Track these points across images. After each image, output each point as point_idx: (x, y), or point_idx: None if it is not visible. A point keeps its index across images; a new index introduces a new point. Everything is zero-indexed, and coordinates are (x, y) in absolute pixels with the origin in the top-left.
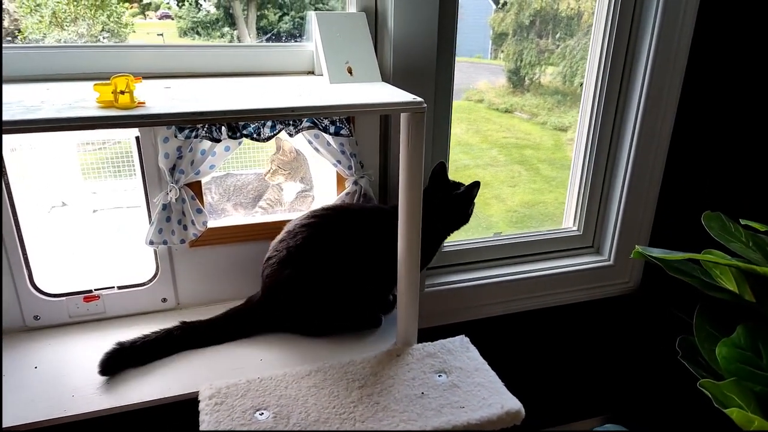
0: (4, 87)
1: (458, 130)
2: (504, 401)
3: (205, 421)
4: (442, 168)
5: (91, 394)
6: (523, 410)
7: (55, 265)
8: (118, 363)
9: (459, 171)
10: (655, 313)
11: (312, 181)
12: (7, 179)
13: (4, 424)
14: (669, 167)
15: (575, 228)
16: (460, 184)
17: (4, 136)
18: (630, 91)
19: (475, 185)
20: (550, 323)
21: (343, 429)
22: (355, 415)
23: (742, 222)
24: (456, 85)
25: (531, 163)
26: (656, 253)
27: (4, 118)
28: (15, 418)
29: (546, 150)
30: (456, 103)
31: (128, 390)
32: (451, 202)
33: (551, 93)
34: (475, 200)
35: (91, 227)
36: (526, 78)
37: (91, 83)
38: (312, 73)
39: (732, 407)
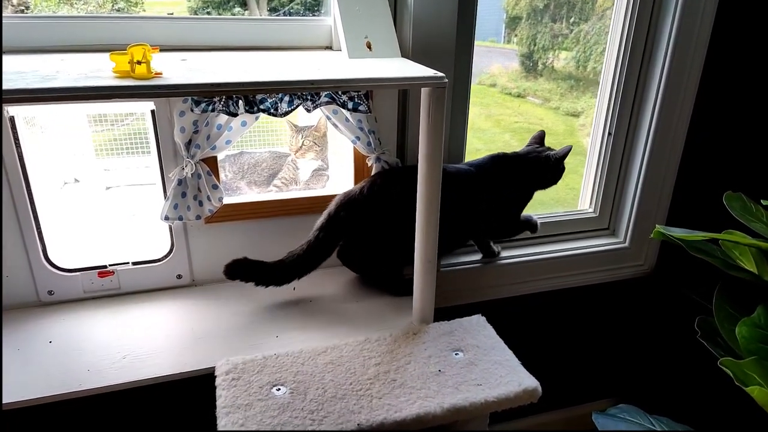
0: (19, 57)
1: (471, 115)
2: (521, 379)
3: (222, 396)
4: (541, 134)
5: (107, 369)
6: (540, 388)
7: (70, 240)
8: (239, 271)
9: (470, 155)
10: (670, 296)
11: (328, 160)
12: (21, 152)
13: (21, 398)
14: (687, 150)
15: (591, 210)
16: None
17: (20, 107)
18: (650, 74)
19: (569, 148)
20: (565, 304)
21: (360, 405)
22: (372, 392)
23: (764, 202)
24: None
25: None
26: (677, 233)
27: (20, 85)
28: (31, 391)
29: (558, 135)
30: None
31: (144, 365)
32: (548, 162)
33: (564, 78)
34: None
35: (105, 204)
36: (539, 62)
37: (106, 54)
38: (330, 48)
39: (752, 386)
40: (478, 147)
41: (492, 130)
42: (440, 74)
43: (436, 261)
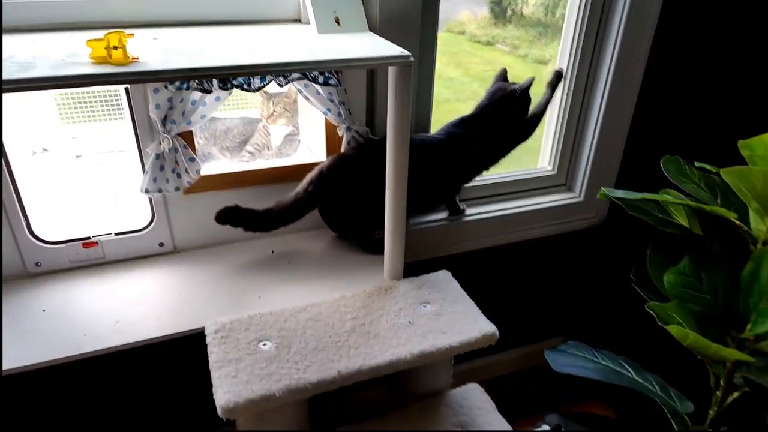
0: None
1: (439, 64)
2: (481, 326)
3: (214, 352)
4: (504, 72)
5: (102, 333)
6: (497, 333)
7: (49, 212)
8: (230, 217)
9: (439, 105)
10: (616, 245)
11: (299, 125)
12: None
13: (23, 363)
14: (638, 113)
15: (550, 168)
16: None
17: None
18: (606, 36)
19: (532, 79)
20: (524, 255)
21: (339, 355)
22: (350, 343)
23: (697, 164)
24: None
25: None
26: (618, 194)
27: (7, 77)
28: (30, 357)
29: None
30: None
31: (137, 328)
32: (513, 96)
33: (533, 25)
34: None
35: (80, 173)
36: (508, 9)
37: (76, 34)
38: (299, 21)
39: (672, 324)
40: (446, 96)
41: (461, 79)
42: (406, 53)
43: (404, 224)
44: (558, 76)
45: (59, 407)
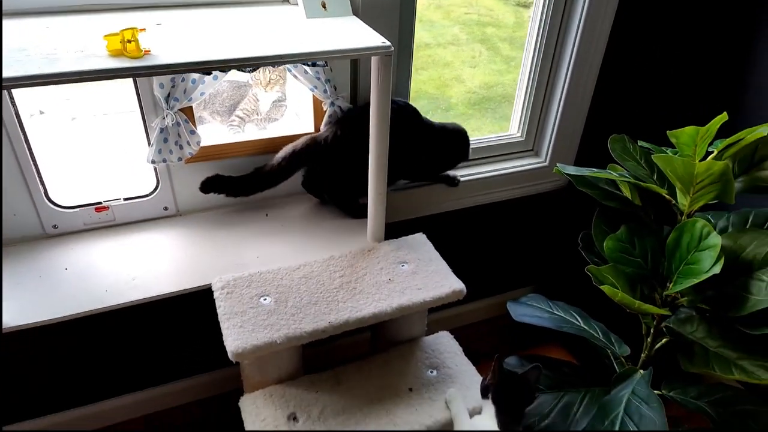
0: (6, 21)
1: (420, 7)
2: (451, 283)
3: (221, 306)
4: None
5: (121, 289)
6: (465, 289)
7: (56, 175)
8: (213, 186)
9: (419, 50)
10: (578, 206)
11: (286, 92)
12: (13, 98)
13: (52, 316)
14: (599, 87)
15: (519, 135)
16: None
17: None
18: (572, 12)
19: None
20: (494, 215)
21: (330, 308)
22: (338, 298)
23: (640, 143)
24: None
25: (492, 42)
26: (570, 170)
27: (32, 71)
28: (60, 311)
29: (507, 28)
30: None
31: (152, 284)
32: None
33: None
34: (436, 82)
35: (77, 136)
36: None
37: (85, 17)
38: (288, 1)
39: (605, 285)
40: (426, 41)
41: (441, 23)
42: (387, 43)
43: (385, 193)
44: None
45: (86, 356)
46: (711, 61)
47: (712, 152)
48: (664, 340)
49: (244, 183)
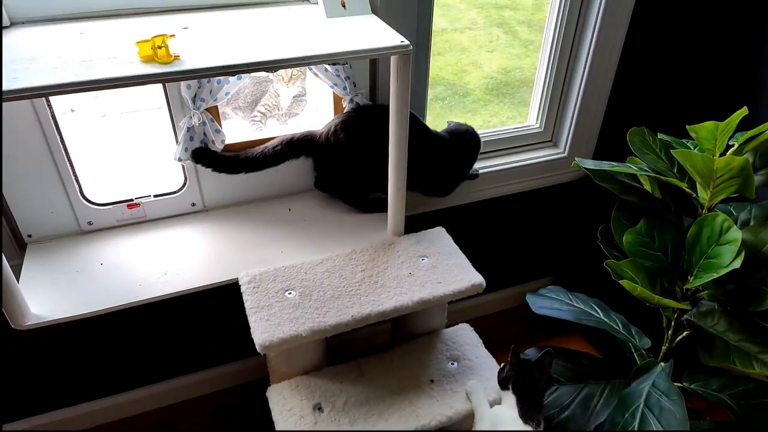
0: (42, 28)
1: None
2: (471, 277)
3: (248, 300)
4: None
5: (154, 283)
6: (484, 283)
7: (90, 172)
8: (202, 158)
9: (436, 35)
10: (597, 197)
11: (306, 87)
12: (50, 102)
13: (89, 309)
14: (619, 76)
15: (537, 125)
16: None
17: None
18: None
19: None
20: (514, 207)
21: (352, 302)
22: (360, 292)
23: (659, 136)
24: None
25: (510, 26)
26: (588, 164)
27: (70, 79)
28: (97, 304)
29: (525, 11)
30: None
31: (182, 279)
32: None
33: None
34: (453, 67)
35: (110, 134)
36: None
37: (114, 22)
38: (308, 0)
39: (624, 279)
40: (443, 26)
41: (458, 6)
42: (406, 42)
43: (405, 189)
44: None
45: (118, 347)
46: (731, 52)
47: (733, 146)
48: (685, 333)
49: (231, 161)
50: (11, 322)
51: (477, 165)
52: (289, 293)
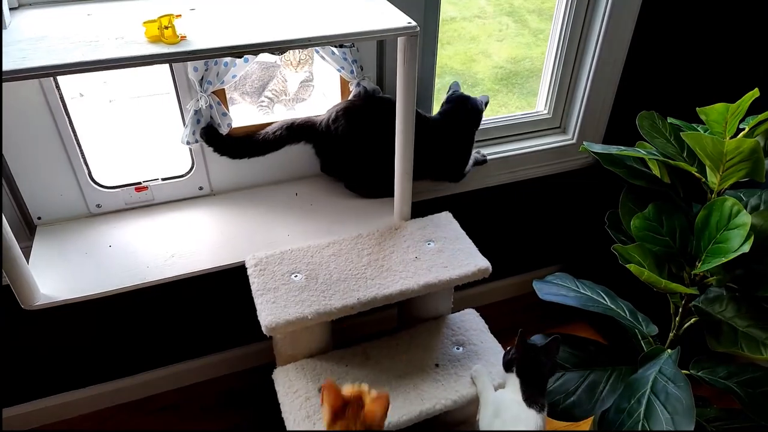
0: (50, 9)
1: None
2: (477, 261)
3: (255, 282)
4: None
5: (161, 265)
6: (490, 267)
7: (97, 155)
8: (210, 138)
9: (444, 24)
10: (606, 183)
11: (313, 72)
12: (56, 80)
13: (97, 290)
14: (628, 62)
15: (546, 111)
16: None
17: None
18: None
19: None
20: (522, 193)
21: (358, 285)
22: (366, 275)
23: (669, 120)
24: None
25: (520, 14)
26: (596, 148)
27: (77, 59)
28: (106, 285)
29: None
30: None
31: (190, 261)
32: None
33: None
34: (462, 57)
35: (117, 119)
36: None
37: (123, 3)
38: None
39: (631, 264)
40: (452, 14)
41: None
42: (413, 24)
43: (411, 173)
44: None
45: (125, 329)
46: (743, 35)
47: (744, 129)
48: (692, 319)
49: (233, 145)
50: (21, 302)
51: (485, 150)
52: (296, 276)
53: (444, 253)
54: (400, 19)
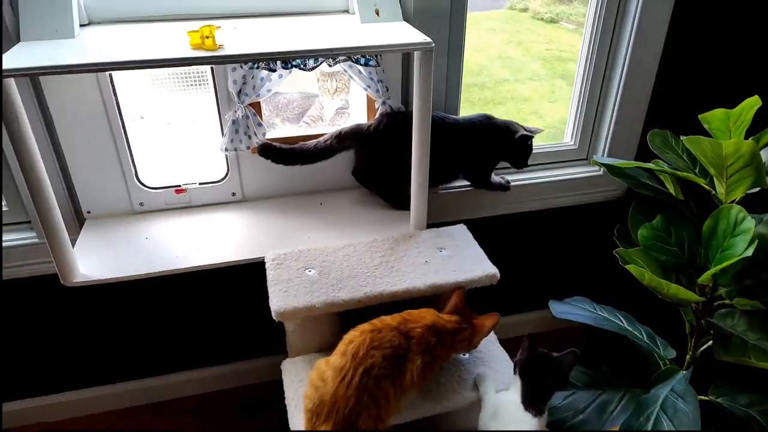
0: (113, 26)
1: (498, 41)
2: (485, 267)
3: (271, 274)
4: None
5: (189, 255)
6: (498, 274)
7: (149, 164)
8: (266, 152)
9: (498, 85)
10: None
11: (349, 100)
12: (117, 97)
13: (129, 273)
14: (654, 96)
15: (572, 143)
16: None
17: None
18: (623, 24)
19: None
20: (544, 222)
21: (367, 282)
22: (376, 274)
23: (682, 138)
24: None
25: (573, 77)
26: (606, 160)
27: (132, 57)
28: (137, 270)
29: None
30: (497, 13)
31: (215, 254)
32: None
33: None
34: (513, 116)
35: (171, 136)
36: None
37: (175, 23)
38: (347, 11)
39: (630, 264)
40: (505, 76)
41: (520, 59)
42: (428, 40)
43: (427, 183)
44: None
45: (155, 323)
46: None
47: None
48: (709, 342)
49: (290, 154)
50: (62, 279)
51: (509, 177)
52: (309, 271)
53: (454, 259)
54: (418, 37)
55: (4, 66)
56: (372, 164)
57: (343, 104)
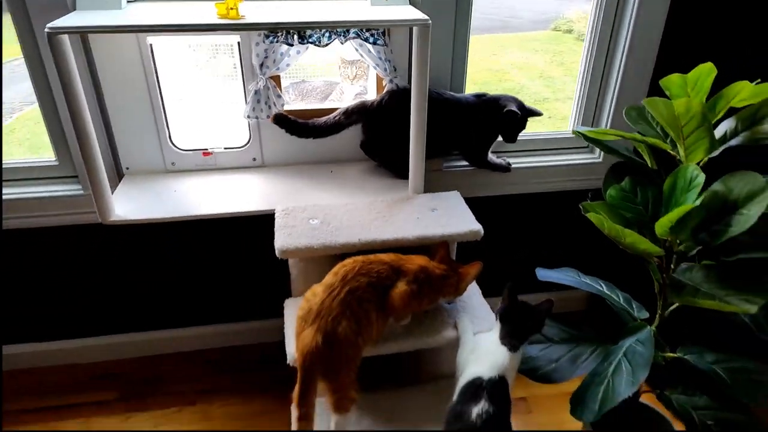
0: (157, 3)
1: (540, 61)
2: (470, 225)
3: (279, 221)
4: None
5: (211, 205)
6: (482, 230)
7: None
8: (281, 121)
9: (538, 104)
10: None
11: (367, 87)
12: (157, 72)
13: (166, 215)
14: (653, 87)
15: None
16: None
17: (156, 38)
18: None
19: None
20: (543, 205)
21: (361, 231)
22: (371, 226)
23: (643, 101)
24: (544, 14)
25: None
26: (582, 129)
27: (166, 21)
28: (167, 213)
29: None
30: (541, 34)
31: (234, 205)
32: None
33: None
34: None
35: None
36: None
37: (205, 3)
38: None
39: (590, 213)
40: (545, 95)
41: (562, 78)
42: (425, 17)
43: (424, 152)
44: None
45: (182, 258)
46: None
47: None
48: (676, 303)
49: (302, 127)
50: (100, 217)
51: (511, 159)
52: (313, 221)
53: (443, 217)
54: (416, 14)
55: (61, 25)
56: (376, 137)
57: (361, 90)
